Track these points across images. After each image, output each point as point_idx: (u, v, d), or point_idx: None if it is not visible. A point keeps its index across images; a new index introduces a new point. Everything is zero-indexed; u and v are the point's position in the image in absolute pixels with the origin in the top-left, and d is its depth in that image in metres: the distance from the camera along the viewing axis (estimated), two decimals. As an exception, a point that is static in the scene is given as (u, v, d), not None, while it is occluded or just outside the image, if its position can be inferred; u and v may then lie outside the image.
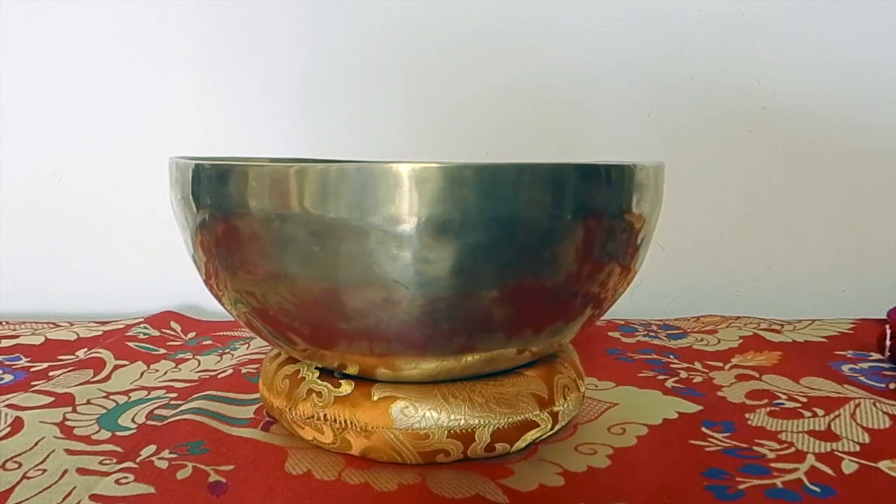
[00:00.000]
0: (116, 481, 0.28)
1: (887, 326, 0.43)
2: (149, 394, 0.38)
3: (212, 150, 0.54)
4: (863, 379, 0.40)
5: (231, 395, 0.37)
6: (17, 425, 0.34)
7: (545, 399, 0.31)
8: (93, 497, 0.27)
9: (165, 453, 0.30)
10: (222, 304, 0.31)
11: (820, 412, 0.35)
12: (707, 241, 0.60)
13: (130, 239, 0.58)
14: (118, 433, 0.33)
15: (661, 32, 0.57)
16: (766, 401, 0.37)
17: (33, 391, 0.38)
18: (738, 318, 0.53)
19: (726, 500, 0.27)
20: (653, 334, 0.49)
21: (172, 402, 0.37)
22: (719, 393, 0.38)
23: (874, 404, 0.36)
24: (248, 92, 0.57)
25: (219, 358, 0.44)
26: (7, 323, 0.51)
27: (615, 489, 0.28)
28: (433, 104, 0.57)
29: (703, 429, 0.33)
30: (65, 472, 0.29)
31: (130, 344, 0.46)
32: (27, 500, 0.27)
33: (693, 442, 0.32)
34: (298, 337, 0.29)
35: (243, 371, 0.41)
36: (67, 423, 0.34)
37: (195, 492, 0.27)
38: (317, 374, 0.31)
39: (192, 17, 0.56)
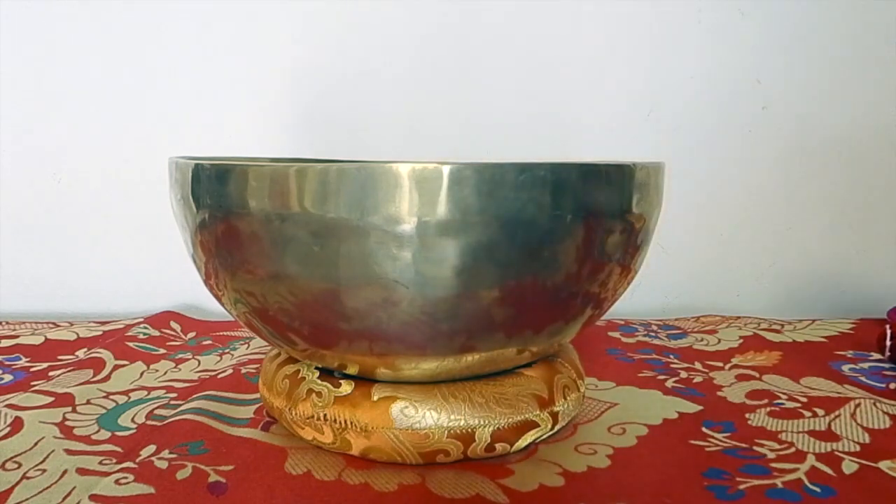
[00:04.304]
0: (116, 481, 0.28)
1: (887, 326, 0.43)
2: (149, 394, 0.38)
3: (212, 150, 0.54)
4: (863, 379, 0.40)
5: (231, 395, 0.37)
6: (16, 425, 0.34)
7: (545, 399, 0.31)
8: (93, 497, 0.27)
9: (165, 453, 0.30)
10: (222, 304, 0.31)
11: (820, 412, 0.35)
12: (707, 241, 0.60)
13: (130, 239, 0.58)
14: (118, 433, 0.33)
15: (661, 32, 0.57)
16: (766, 401, 0.37)
17: (33, 391, 0.38)
18: (738, 318, 0.53)
19: (726, 500, 0.27)
20: (653, 334, 0.49)
21: (172, 402, 0.37)
22: (719, 393, 0.38)
23: (874, 404, 0.36)
24: (249, 92, 0.57)
25: (219, 358, 0.44)
26: (7, 323, 0.51)
27: (615, 489, 0.28)
28: (433, 104, 0.57)
29: (704, 429, 0.33)
30: (64, 472, 0.29)
31: (130, 344, 0.46)
32: (27, 500, 0.27)
33: (693, 442, 0.32)
34: (298, 337, 0.29)
35: (243, 371, 0.41)
36: (67, 423, 0.34)
37: (195, 492, 0.27)
38: (317, 374, 0.31)
39: (192, 17, 0.56)
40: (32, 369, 0.42)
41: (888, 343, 0.43)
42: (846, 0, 0.56)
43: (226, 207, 0.27)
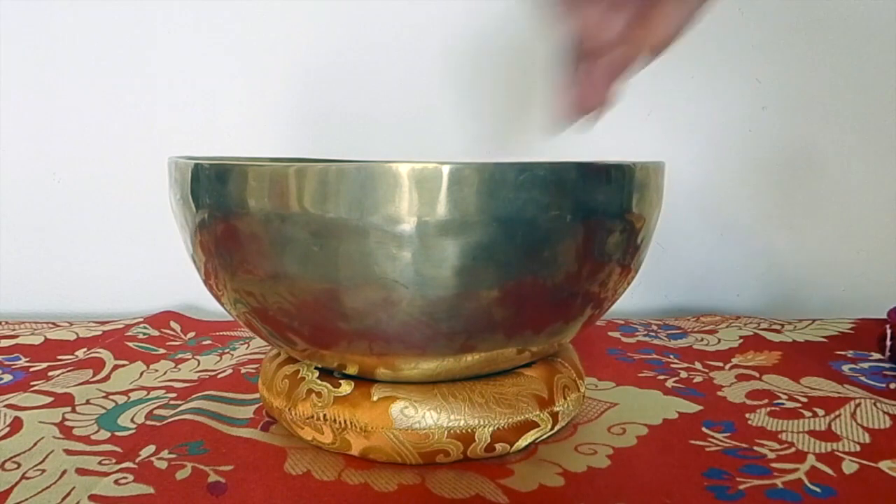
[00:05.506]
0: (115, 481, 0.28)
1: (887, 326, 0.43)
2: (148, 394, 0.38)
3: (212, 150, 0.54)
4: (863, 379, 0.40)
5: (231, 395, 0.37)
6: (16, 425, 0.33)
7: (545, 399, 0.31)
8: (92, 497, 0.27)
9: (165, 453, 0.30)
10: (222, 304, 0.31)
11: (820, 412, 0.35)
12: (707, 241, 0.60)
13: (130, 239, 0.58)
14: (117, 433, 0.33)
15: (661, 32, 0.56)
16: (766, 401, 0.37)
17: (32, 391, 0.38)
18: (738, 318, 0.53)
19: (726, 500, 0.27)
20: (653, 334, 0.49)
21: (172, 402, 0.37)
22: (719, 393, 0.38)
23: (874, 404, 0.36)
24: (248, 91, 0.57)
25: (218, 358, 0.44)
26: (7, 323, 0.51)
27: (615, 489, 0.28)
28: (433, 104, 0.57)
29: (704, 429, 0.33)
30: (64, 472, 0.29)
31: (130, 344, 0.46)
32: (26, 500, 0.27)
33: (693, 442, 0.32)
34: (298, 337, 0.29)
35: (243, 371, 0.41)
36: (67, 423, 0.34)
37: (194, 492, 0.27)
38: (316, 374, 0.31)
39: (191, 17, 0.56)
40: (32, 369, 0.42)
41: (888, 343, 0.43)
42: (846, 0, 0.56)
43: (225, 207, 0.27)
